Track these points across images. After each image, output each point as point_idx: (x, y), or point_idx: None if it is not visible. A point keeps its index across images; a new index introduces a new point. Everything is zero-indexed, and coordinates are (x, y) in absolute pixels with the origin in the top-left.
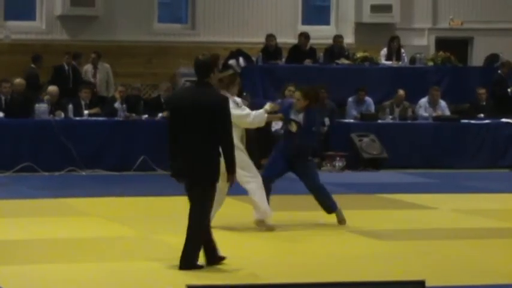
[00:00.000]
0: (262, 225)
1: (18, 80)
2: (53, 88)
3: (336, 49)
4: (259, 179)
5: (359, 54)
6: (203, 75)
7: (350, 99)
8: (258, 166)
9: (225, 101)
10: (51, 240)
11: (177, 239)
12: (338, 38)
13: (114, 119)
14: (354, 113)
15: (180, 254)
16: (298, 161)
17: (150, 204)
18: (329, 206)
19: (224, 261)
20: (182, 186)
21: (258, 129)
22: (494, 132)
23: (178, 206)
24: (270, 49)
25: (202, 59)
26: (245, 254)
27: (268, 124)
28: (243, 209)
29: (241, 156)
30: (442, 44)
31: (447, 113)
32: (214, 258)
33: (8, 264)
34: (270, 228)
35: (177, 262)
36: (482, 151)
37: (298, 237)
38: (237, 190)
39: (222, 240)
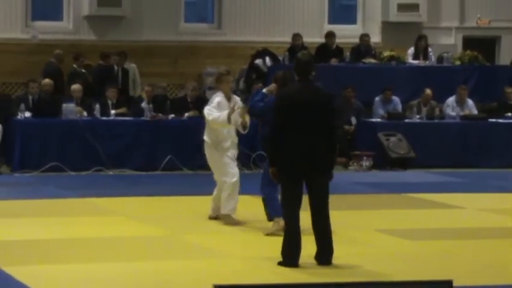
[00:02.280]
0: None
1: (45, 80)
2: (76, 86)
3: (362, 48)
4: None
5: (386, 53)
6: (307, 74)
7: (377, 98)
8: None
9: (331, 97)
10: (79, 240)
11: (203, 238)
12: (364, 37)
13: (141, 119)
14: (381, 112)
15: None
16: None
17: (177, 204)
18: (268, 213)
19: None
20: (206, 186)
21: None
22: None
23: (205, 206)
24: (297, 48)
25: (305, 58)
26: (269, 255)
27: None
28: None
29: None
30: (469, 42)
31: (475, 112)
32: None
33: (36, 263)
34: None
35: (201, 261)
36: (510, 150)
37: None
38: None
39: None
